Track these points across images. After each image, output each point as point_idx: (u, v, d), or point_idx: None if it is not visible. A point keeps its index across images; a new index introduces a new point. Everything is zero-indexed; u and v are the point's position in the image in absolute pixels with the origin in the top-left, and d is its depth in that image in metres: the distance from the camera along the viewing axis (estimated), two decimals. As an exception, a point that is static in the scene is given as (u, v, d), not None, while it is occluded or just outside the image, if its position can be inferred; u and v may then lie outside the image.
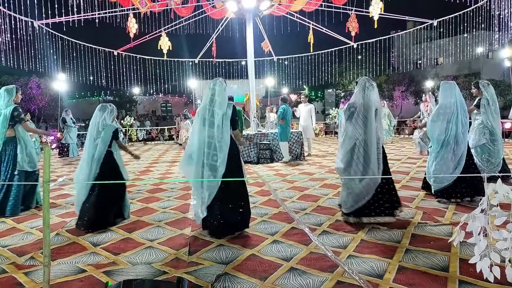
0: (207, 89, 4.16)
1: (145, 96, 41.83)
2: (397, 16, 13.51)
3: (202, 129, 4.03)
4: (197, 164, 4.00)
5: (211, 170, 3.94)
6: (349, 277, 2.92)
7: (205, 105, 4.09)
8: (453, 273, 2.91)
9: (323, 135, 21.08)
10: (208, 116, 4.02)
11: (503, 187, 2.16)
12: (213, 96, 4.06)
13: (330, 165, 9.14)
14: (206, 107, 4.05)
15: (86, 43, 14.80)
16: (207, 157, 3.96)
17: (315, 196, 5.70)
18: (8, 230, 4.49)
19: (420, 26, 16.42)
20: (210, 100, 4.06)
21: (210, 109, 4.03)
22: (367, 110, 4.25)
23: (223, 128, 3.99)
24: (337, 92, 39.91)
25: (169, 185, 6.94)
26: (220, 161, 3.93)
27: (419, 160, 9.27)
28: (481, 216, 2.22)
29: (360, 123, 4.25)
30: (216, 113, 4.00)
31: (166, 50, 14.23)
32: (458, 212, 4.59)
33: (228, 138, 4.01)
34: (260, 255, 3.43)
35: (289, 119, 9.86)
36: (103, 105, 4.76)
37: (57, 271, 3.16)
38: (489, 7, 12.41)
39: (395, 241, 3.67)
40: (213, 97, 4.06)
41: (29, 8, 11.23)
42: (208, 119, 4.01)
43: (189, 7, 13.61)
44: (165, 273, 3.10)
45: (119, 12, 13.10)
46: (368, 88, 4.34)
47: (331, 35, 15.05)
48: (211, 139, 3.97)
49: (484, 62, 32.31)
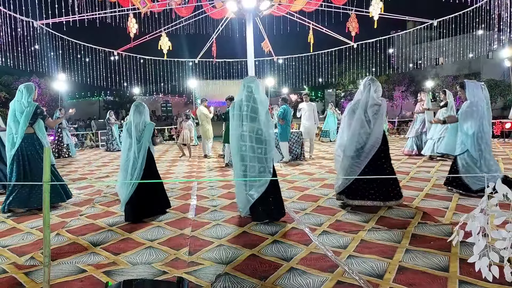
0: (242, 87, 4.46)
1: (145, 96, 41.84)
2: (397, 16, 13.50)
3: (238, 125, 4.37)
4: (236, 156, 4.41)
5: (259, 162, 4.31)
6: (349, 277, 2.92)
7: (240, 102, 4.39)
8: (453, 273, 2.91)
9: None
10: (248, 112, 4.32)
11: (503, 187, 2.16)
12: (251, 94, 4.37)
13: (330, 165, 9.14)
14: (244, 103, 4.35)
15: (86, 43, 14.81)
16: (250, 150, 4.29)
17: (315, 196, 5.70)
18: (8, 230, 4.49)
19: (420, 26, 16.41)
20: (248, 97, 4.36)
21: (249, 105, 4.33)
22: (364, 106, 4.71)
23: (267, 122, 4.37)
24: (337, 92, 39.90)
25: (169, 185, 6.94)
26: (268, 153, 4.34)
27: (419, 160, 9.27)
28: (481, 216, 2.23)
29: (359, 118, 4.72)
30: (257, 108, 4.34)
31: (166, 50, 14.23)
32: (458, 212, 4.60)
33: (273, 131, 4.46)
34: (260, 255, 3.43)
35: (290, 119, 9.85)
36: (139, 106, 4.90)
37: (57, 271, 3.16)
38: (489, 7, 12.41)
39: (395, 241, 3.67)
40: (251, 94, 4.36)
41: (29, 8, 11.24)
42: (249, 114, 4.31)
43: (189, 7, 13.60)
44: (165, 273, 3.11)
45: (119, 12, 13.10)
46: (366, 86, 4.78)
47: (331, 35, 15.05)
48: (252, 133, 4.31)
49: (484, 62, 32.32)
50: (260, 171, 4.30)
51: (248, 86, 4.39)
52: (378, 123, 4.68)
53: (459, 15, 13.32)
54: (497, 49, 22.39)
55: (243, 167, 4.35)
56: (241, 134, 4.34)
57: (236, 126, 4.40)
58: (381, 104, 4.72)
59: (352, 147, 4.73)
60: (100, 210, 5.30)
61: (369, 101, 4.71)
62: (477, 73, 31.31)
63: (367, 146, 4.67)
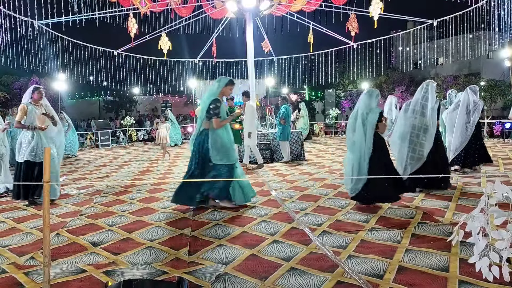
0: (420, 88, 5.72)
1: (145, 96, 41.79)
2: (397, 16, 13.51)
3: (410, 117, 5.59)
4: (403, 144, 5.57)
5: (421, 146, 5.51)
6: (349, 277, 2.92)
7: (417, 99, 5.64)
8: (453, 273, 2.91)
9: (323, 135, 21.08)
10: (419, 108, 5.58)
11: (503, 187, 2.16)
12: (426, 94, 5.61)
13: (330, 165, 9.14)
14: (419, 101, 5.61)
15: (86, 43, 14.81)
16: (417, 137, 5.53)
17: (315, 196, 5.70)
18: (8, 230, 4.49)
19: (420, 26, 16.42)
20: (423, 96, 5.63)
21: (422, 103, 5.59)
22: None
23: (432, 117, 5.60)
24: (337, 92, 39.85)
25: (169, 185, 6.94)
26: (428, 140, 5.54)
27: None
28: (481, 215, 2.22)
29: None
30: (426, 105, 5.57)
31: (166, 50, 14.24)
32: (458, 212, 4.60)
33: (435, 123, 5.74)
34: (260, 255, 3.43)
35: (290, 119, 9.86)
36: (371, 91, 5.10)
37: (57, 271, 3.16)
38: (489, 7, 12.42)
39: (395, 241, 3.67)
40: (426, 94, 5.61)
41: (29, 8, 11.24)
42: (420, 110, 5.57)
43: (189, 7, 13.61)
44: (165, 273, 3.10)
45: (119, 12, 13.10)
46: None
47: (331, 35, 15.06)
48: (420, 125, 5.54)
49: (484, 62, 32.29)
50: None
51: (426, 88, 5.64)
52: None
53: (459, 15, 13.32)
54: (497, 49, 22.37)
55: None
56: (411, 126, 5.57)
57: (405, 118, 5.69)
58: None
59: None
60: (100, 210, 5.30)
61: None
62: (477, 73, 31.27)
63: None
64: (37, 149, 5.72)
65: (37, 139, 5.76)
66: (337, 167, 8.69)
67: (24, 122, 5.76)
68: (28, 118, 5.76)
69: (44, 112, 5.88)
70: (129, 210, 5.26)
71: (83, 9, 11.76)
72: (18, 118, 5.78)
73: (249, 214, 4.83)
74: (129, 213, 5.10)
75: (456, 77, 30.11)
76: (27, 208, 5.52)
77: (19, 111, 5.80)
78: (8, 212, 5.36)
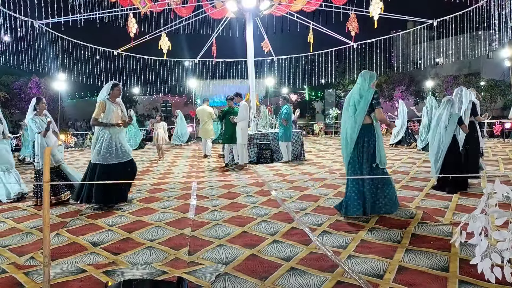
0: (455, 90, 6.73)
1: (145, 96, 41.81)
2: (397, 16, 13.52)
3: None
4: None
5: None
6: (349, 277, 2.92)
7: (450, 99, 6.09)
8: (453, 273, 2.91)
9: (323, 135, 21.09)
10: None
11: (503, 187, 2.16)
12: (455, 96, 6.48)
13: (330, 165, 9.14)
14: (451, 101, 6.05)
15: (86, 43, 14.81)
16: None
17: (315, 196, 5.70)
18: (8, 230, 4.49)
19: (420, 26, 16.42)
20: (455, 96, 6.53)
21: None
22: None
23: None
24: (337, 92, 39.85)
25: (169, 185, 6.94)
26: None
27: (419, 160, 9.27)
28: (482, 216, 2.22)
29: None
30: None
31: (166, 50, 14.23)
32: (458, 212, 4.60)
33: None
34: (260, 255, 3.43)
35: (291, 119, 9.86)
36: (450, 99, 5.96)
37: (57, 271, 3.16)
38: (489, 7, 12.42)
39: (395, 241, 3.67)
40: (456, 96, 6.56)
41: (29, 8, 11.23)
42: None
43: (189, 7, 13.61)
44: (165, 273, 3.10)
45: (119, 12, 13.10)
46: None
47: (331, 35, 15.06)
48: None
49: (484, 62, 32.28)
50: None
51: (459, 93, 6.66)
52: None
53: (459, 15, 13.32)
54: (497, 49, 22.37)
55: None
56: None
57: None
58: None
59: None
60: (100, 210, 5.30)
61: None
62: (477, 73, 31.26)
63: None
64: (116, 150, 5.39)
65: (115, 139, 5.39)
66: (337, 167, 8.69)
67: (101, 120, 5.33)
68: (106, 116, 5.33)
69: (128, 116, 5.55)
70: (129, 210, 5.26)
71: (83, 9, 11.76)
72: (95, 115, 5.30)
73: (249, 214, 4.83)
74: (129, 213, 5.10)
75: (456, 77, 30.10)
76: (27, 208, 5.53)
77: (97, 107, 5.30)
78: (8, 212, 5.36)
